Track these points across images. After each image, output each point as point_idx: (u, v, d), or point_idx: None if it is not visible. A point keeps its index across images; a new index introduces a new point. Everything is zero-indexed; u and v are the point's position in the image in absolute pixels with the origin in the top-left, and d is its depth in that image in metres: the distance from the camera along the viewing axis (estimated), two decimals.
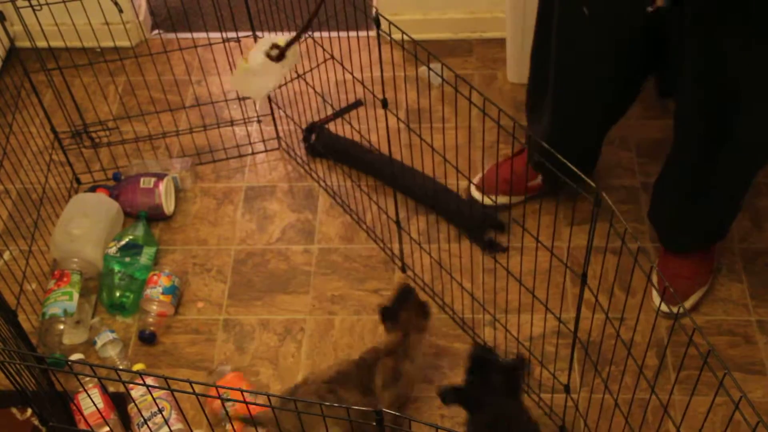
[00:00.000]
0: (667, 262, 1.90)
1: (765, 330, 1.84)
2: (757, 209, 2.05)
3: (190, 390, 0.96)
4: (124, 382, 1.04)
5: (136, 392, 1.72)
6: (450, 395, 1.56)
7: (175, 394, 1.78)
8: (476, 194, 2.06)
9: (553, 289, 1.90)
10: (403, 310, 1.68)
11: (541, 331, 1.82)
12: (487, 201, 2.04)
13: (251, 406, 1.48)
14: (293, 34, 1.67)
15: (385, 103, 1.60)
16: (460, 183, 2.11)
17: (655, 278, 1.79)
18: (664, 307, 1.83)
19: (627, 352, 1.31)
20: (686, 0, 1.49)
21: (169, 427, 1.69)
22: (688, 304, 1.86)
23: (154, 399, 1.70)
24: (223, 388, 1.01)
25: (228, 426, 1.72)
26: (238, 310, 1.95)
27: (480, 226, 1.99)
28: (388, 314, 1.70)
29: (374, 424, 0.99)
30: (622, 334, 1.34)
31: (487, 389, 1.51)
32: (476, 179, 2.08)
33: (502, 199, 2.04)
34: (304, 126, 2.23)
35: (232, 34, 2.07)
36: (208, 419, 1.55)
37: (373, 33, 2.56)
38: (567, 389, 1.60)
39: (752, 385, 1.75)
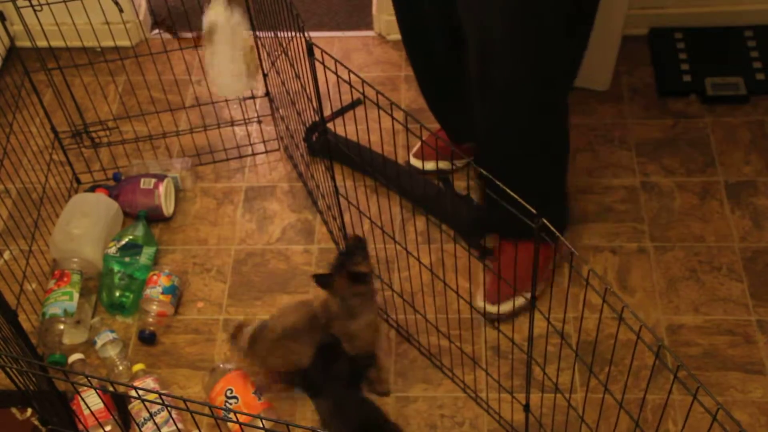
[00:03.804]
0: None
1: (765, 330, 1.84)
2: (757, 209, 2.05)
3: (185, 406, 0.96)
4: (120, 394, 1.03)
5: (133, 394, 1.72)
6: (293, 379, 1.57)
7: (176, 393, 1.79)
8: (415, 162, 2.15)
9: (556, 288, 1.90)
10: (337, 278, 1.68)
11: (540, 331, 1.81)
12: (428, 166, 2.14)
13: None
14: None
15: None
16: (462, 183, 2.11)
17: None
18: (487, 307, 1.82)
19: (615, 352, 1.31)
20: None
21: (161, 428, 1.69)
22: (505, 308, 1.83)
23: (150, 413, 1.69)
24: (215, 407, 1.01)
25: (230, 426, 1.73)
26: (238, 310, 1.95)
27: (474, 229, 2.00)
28: (322, 282, 1.70)
29: None
30: (620, 334, 1.33)
31: (330, 377, 1.56)
32: (414, 149, 2.16)
33: (430, 165, 2.14)
34: (303, 126, 2.23)
35: None
36: (197, 426, 1.55)
37: (372, 33, 2.58)
38: (526, 408, 1.60)
39: (752, 385, 1.75)
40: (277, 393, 1.76)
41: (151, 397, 1.69)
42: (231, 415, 1.68)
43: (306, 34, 1.43)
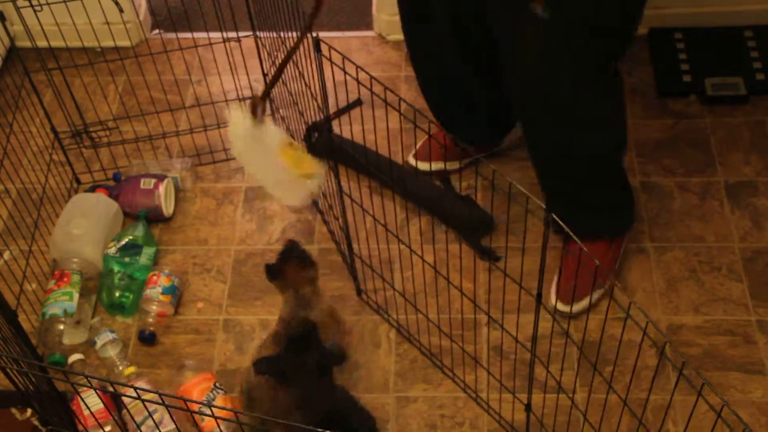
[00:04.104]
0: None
1: (765, 330, 1.84)
2: (757, 209, 2.05)
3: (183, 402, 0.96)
4: (120, 394, 1.04)
5: (132, 394, 1.71)
6: (263, 365, 1.56)
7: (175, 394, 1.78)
8: (412, 161, 2.15)
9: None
10: (287, 265, 1.71)
11: (542, 332, 1.81)
12: (424, 167, 2.14)
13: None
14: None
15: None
16: (461, 183, 2.11)
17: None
18: (561, 306, 1.83)
19: (617, 351, 1.31)
20: None
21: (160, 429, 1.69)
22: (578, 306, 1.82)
23: (149, 413, 1.68)
24: (218, 407, 1.01)
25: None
26: (238, 310, 1.95)
27: (476, 231, 2.00)
28: (273, 271, 1.73)
29: None
30: (621, 334, 1.33)
31: (300, 366, 1.55)
32: (415, 149, 2.17)
33: (437, 165, 2.14)
34: (305, 125, 2.23)
35: (232, 34, 2.07)
36: (198, 426, 1.55)
37: (372, 33, 2.58)
38: (528, 407, 1.61)
39: (752, 385, 1.75)
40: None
41: (150, 396, 1.69)
42: (232, 415, 1.68)
43: (314, 33, 1.43)
